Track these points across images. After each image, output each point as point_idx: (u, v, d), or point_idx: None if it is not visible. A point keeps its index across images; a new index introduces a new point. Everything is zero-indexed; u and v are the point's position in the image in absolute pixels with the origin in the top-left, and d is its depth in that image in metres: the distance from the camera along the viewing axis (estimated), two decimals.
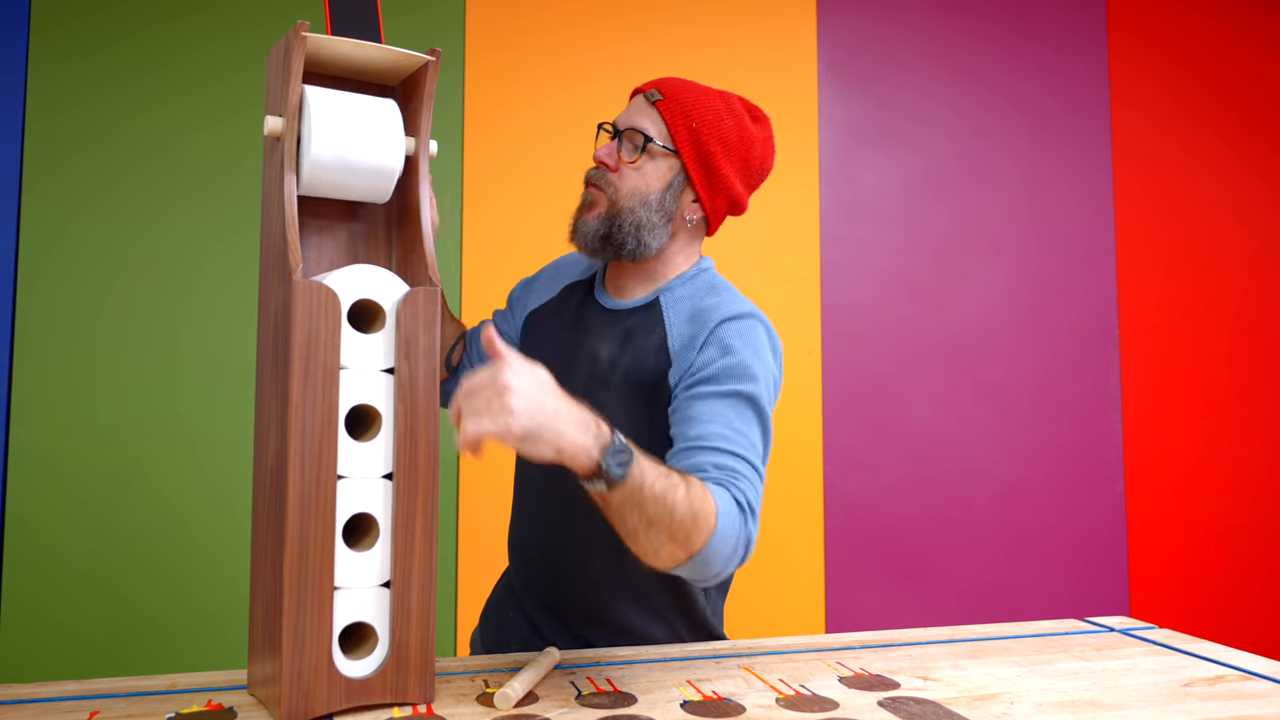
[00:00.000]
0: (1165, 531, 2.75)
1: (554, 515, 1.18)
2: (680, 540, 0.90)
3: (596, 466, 0.84)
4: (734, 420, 1.03)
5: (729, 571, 0.98)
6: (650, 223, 1.14)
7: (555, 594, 1.19)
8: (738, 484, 0.98)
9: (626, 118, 1.16)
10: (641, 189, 1.14)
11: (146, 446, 2.06)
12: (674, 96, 1.14)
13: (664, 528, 0.89)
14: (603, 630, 1.16)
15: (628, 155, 1.14)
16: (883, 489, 2.55)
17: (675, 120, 1.13)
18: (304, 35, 0.87)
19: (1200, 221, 2.86)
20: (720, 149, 1.14)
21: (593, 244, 1.15)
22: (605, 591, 1.15)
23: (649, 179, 1.14)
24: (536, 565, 1.22)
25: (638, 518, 0.88)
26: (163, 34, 2.13)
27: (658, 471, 0.89)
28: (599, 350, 1.16)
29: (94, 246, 2.06)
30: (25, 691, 0.93)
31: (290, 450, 0.83)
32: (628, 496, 0.87)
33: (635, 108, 1.16)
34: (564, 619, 1.18)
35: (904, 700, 0.91)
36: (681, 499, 0.89)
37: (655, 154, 1.14)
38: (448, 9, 2.32)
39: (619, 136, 1.15)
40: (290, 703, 0.81)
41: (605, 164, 1.15)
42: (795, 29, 2.57)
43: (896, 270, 2.61)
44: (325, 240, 0.98)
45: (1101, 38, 2.81)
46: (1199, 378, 2.81)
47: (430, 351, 0.90)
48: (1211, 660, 1.06)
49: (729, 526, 0.93)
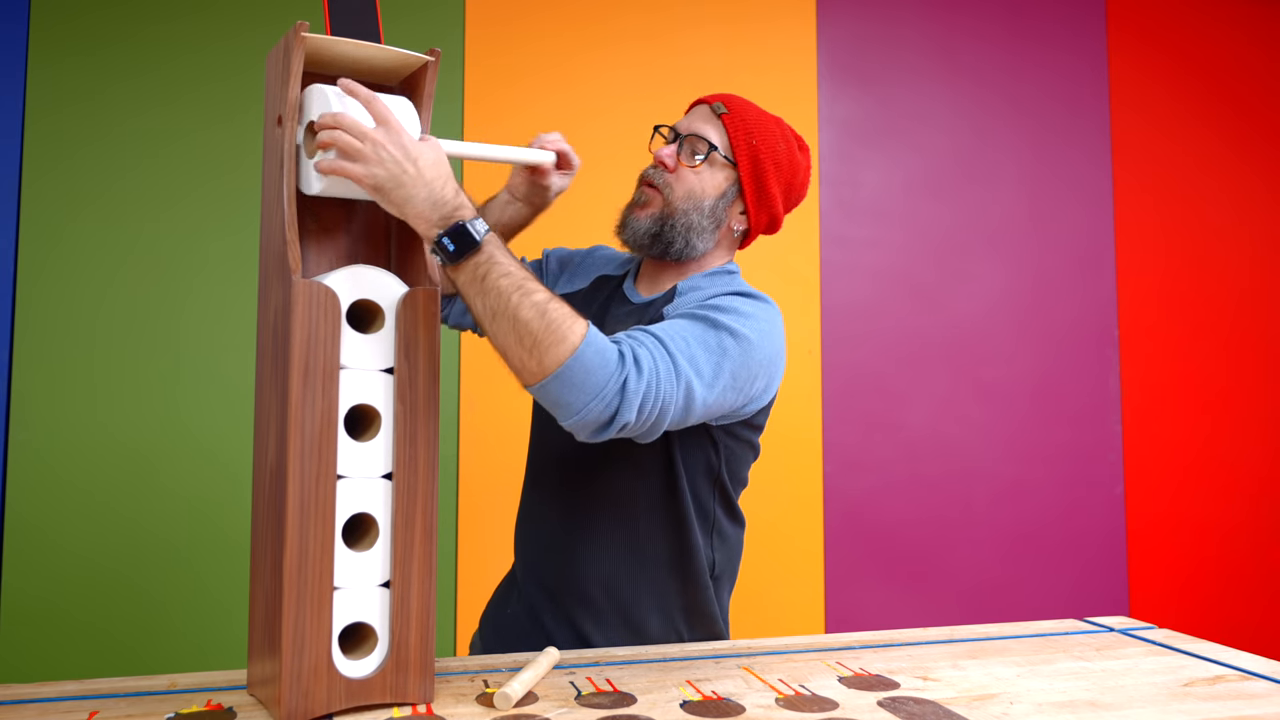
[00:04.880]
0: (1165, 531, 2.75)
1: (561, 499, 1.21)
2: (528, 346, 0.93)
3: (433, 240, 0.91)
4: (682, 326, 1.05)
5: (603, 416, 0.96)
6: (700, 226, 1.19)
7: (558, 579, 1.19)
8: (629, 340, 1.00)
9: (689, 124, 1.21)
10: (698, 193, 1.19)
11: (146, 446, 2.06)
12: (738, 113, 1.20)
13: (508, 325, 0.93)
14: (603, 618, 1.16)
15: (688, 159, 1.19)
16: (883, 489, 2.55)
17: (738, 134, 1.19)
18: (303, 35, 0.87)
19: (1200, 221, 2.86)
20: (773, 169, 1.20)
21: (642, 240, 1.20)
22: (608, 578, 1.16)
23: (705, 185, 1.19)
24: (540, 548, 1.23)
25: (480, 305, 0.93)
26: (162, 34, 2.13)
27: (515, 274, 0.93)
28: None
29: (93, 246, 2.06)
30: (25, 691, 0.93)
31: (290, 450, 0.83)
32: (468, 280, 0.93)
33: (699, 116, 1.22)
34: (565, 607, 1.18)
35: (904, 700, 0.91)
36: (531, 304, 0.92)
37: (715, 162, 1.19)
38: (448, 9, 2.32)
39: (680, 141, 1.20)
40: (290, 703, 0.81)
41: (665, 164, 1.20)
42: (795, 29, 2.57)
43: (896, 270, 2.61)
44: (325, 240, 0.98)
45: (1101, 38, 2.81)
46: (1198, 378, 2.81)
47: (430, 351, 0.90)
48: (1211, 660, 1.06)
49: (595, 359, 0.94)
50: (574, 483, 1.19)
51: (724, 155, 1.19)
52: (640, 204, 1.21)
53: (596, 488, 1.18)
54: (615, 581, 1.16)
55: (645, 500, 1.16)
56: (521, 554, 1.27)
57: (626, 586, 1.16)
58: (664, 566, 1.16)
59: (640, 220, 1.20)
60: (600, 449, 1.13)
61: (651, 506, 1.16)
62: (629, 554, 1.16)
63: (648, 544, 1.17)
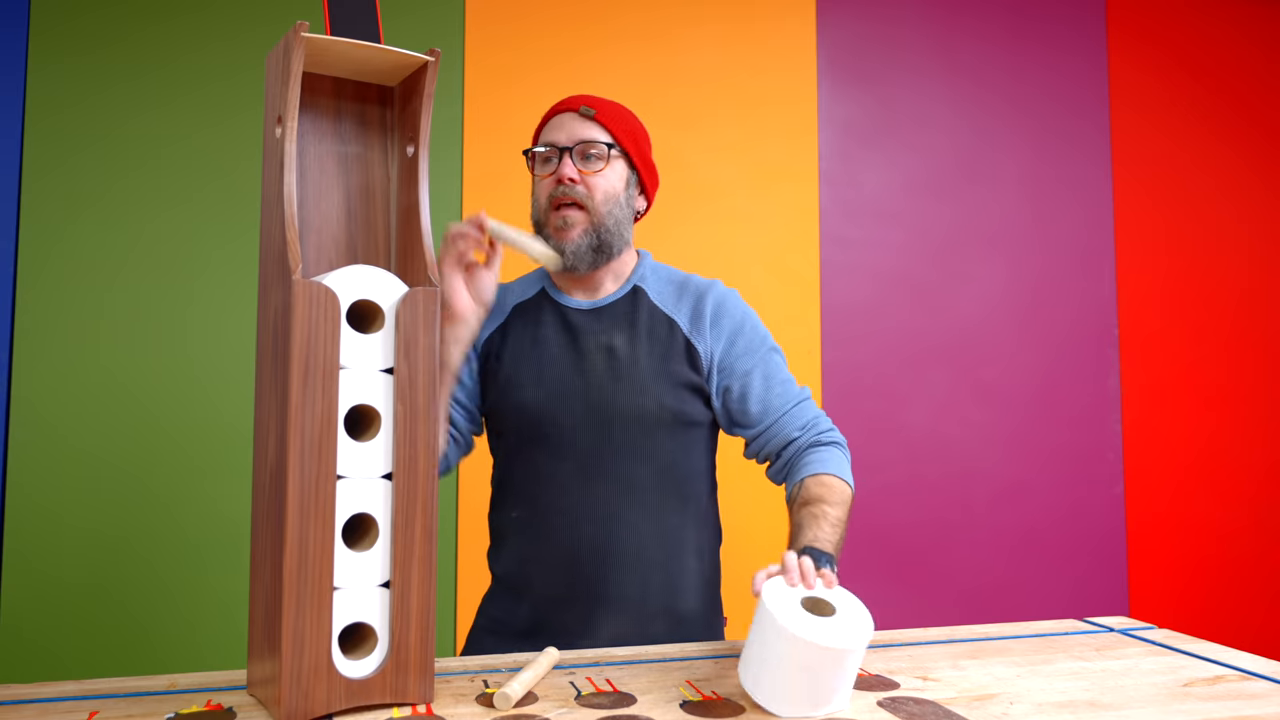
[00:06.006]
0: (1165, 532, 2.75)
1: (599, 513, 1.22)
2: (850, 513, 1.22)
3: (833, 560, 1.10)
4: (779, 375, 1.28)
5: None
6: (624, 219, 1.27)
7: (610, 590, 1.20)
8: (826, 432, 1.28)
9: (570, 135, 1.24)
10: (613, 192, 1.25)
11: (146, 446, 2.06)
12: (602, 109, 1.26)
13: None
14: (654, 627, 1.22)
15: (589, 166, 1.24)
16: (882, 489, 2.55)
17: (616, 127, 1.26)
18: (303, 36, 0.87)
19: (1200, 221, 2.86)
20: (646, 144, 1.30)
21: (585, 257, 1.24)
22: (666, 583, 1.23)
23: (614, 181, 1.25)
24: (582, 567, 1.22)
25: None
26: (162, 34, 2.13)
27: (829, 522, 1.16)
28: (610, 342, 1.24)
29: (94, 247, 2.06)
30: (25, 691, 0.93)
31: (290, 450, 0.83)
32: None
33: (571, 124, 1.25)
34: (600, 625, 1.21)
35: (903, 700, 0.91)
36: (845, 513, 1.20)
37: (613, 158, 1.25)
38: (448, 9, 2.32)
39: (569, 153, 1.23)
40: (290, 703, 0.81)
41: (573, 179, 1.22)
42: (795, 29, 2.57)
43: (896, 270, 2.61)
44: (325, 240, 0.98)
45: (1101, 38, 2.81)
46: (1198, 378, 2.81)
47: (430, 351, 0.90)
48: (1211, 660, 1.06)
49: (848, 470, 1.26)
50: (604, 491, 1.23)
51: (619, 150, 1.25)
52: (565, 228, 1.22)
53: (652, 456, 1.24)
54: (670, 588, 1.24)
55: (691, 470, 1.27)
56: (542, 579, 1.24)
57: (674, 592, 1.25)
58: (702, 570, 1.29)
59: (576, 241, 1.22)
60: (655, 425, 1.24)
61: (694, 478, 1.29)
62: (683, 561, 1.26)
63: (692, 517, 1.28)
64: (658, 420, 1.22)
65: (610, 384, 1.22)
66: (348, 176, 1.00)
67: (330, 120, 1.00)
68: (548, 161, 1.25)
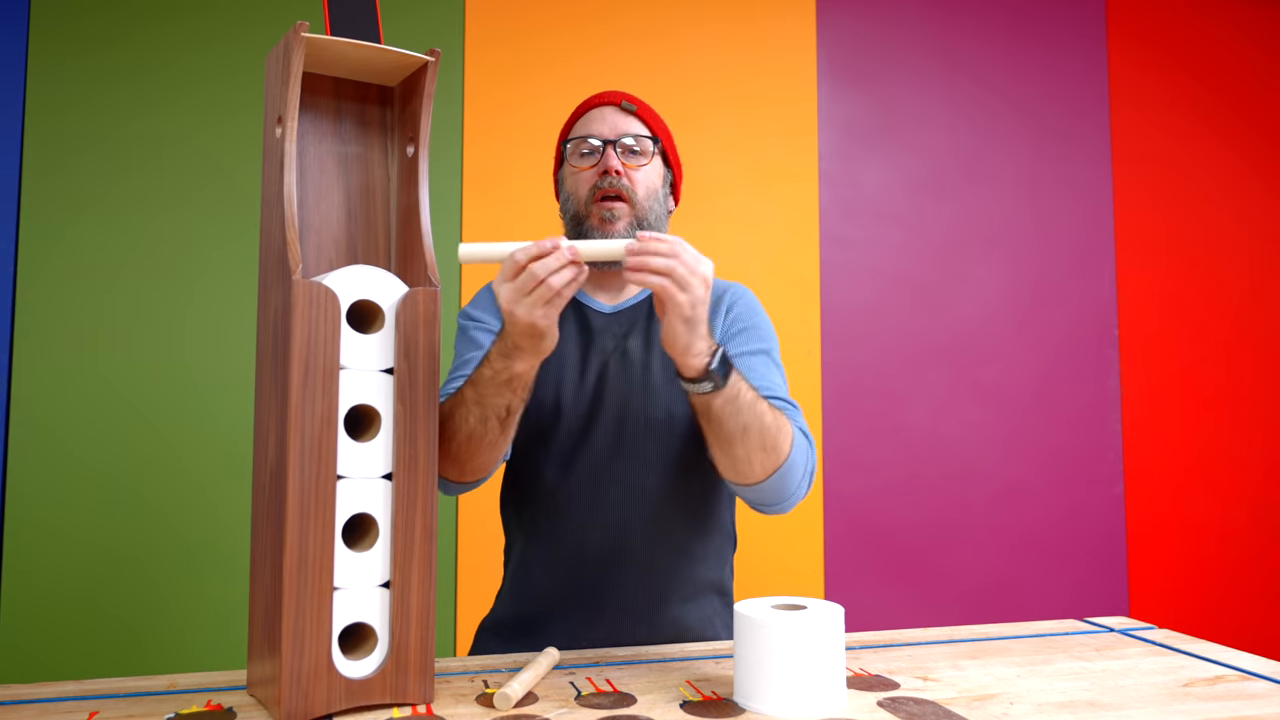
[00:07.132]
0: (1165, 532, 2.75)
1: (608, 518, 1.20)
2: (770, 448, 1.01)
3: (704, 368, 0.95)
4: (767, 374, 1.18)
5: (799, 496, 1.09)
6: (663, 215, 1.26)
7: (615, 595, 1.20)
8: (793, 417, 1.12)
9: (614, 129, 1.23)
10: (654, 186, 1.24)
11: (146, 447, 2.06)
12: (641, 105, 1.25)
13: (756, 434, 0.99)
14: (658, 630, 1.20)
15: (636, 160, 1.23)
16: (882, 489, 2.55)
17: (655, 122, 1.25)
18: (303, 36, 0.87)
19: (1200, 221, 2.86)
20: (674, 143, 1.29)
21: None
22: (674, 587, 1.21)
23: (653, 177, 1.24)
24: (591, 569, 1.20)
25: (734, 423, 0.98)
26: (162, 35, 2.13)
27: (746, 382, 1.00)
28: (625, 346, 1.23)
29: (94, 247, 2.06)
30: (25, 691, 0.93)
31: (290, 450, 0.83)
32: (727, 400, 0.97)
33: (614, 118, 1.24)
34: (609, 626, 1.19)
35: (904, 700, 0.91)
36: (766, 407, 1.00)
37: (654, 154, 1.25)
38: (448, 9, 2.32)
39: (613, 145, 1.21)
40: (290, 703, 0.81)
41: (619, 172, 1.20)
42: (795, 29, 2.57)
43: (896, 270, 2.61)
44: (325, 240, 0.98)
45: (1101, 38, 2.82)
46: (1198, 378, 2.81)
47: (430, 351, 0.90)
48: (1211, 660, 1.06)
49: (799, 443, 1.07)
50: (619, 495, 1.21)
51: (659, 146, 1.25)
52: (611, 220, 1.19)
53: (675, 453, 1.22)
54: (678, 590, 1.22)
55: (703, 477, 1.24)
56: (556, 575, 1.22)
57: (681, 596, 1.23)
58: (713, 572, 1.27)
59: (620, 234, 1.19)
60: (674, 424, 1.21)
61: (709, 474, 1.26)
62: (690, 564, 1.24)
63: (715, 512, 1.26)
64: (669, 426, 1.19)
65: (622, 389, 1.20)
66: (348, 176, 1.00)
67: (330, 120, 1.00)
68: (587, 154, 1.23)
